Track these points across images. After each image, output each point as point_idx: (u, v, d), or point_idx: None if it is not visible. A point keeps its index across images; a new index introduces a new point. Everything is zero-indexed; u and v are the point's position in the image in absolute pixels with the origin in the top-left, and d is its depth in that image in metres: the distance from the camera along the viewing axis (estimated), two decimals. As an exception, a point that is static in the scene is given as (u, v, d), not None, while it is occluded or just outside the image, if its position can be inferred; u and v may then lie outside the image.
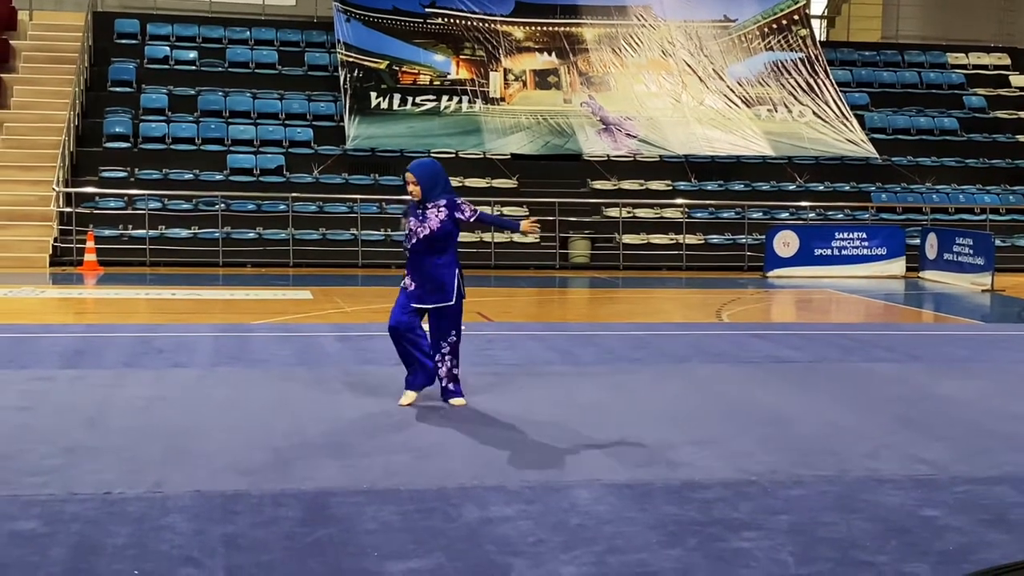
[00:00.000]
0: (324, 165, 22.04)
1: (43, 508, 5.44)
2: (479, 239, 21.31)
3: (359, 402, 8.10)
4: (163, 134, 22.17)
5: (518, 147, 22.91)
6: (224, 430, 7.13)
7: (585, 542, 5.14)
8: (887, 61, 27.73)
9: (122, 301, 15.20)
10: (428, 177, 7.77)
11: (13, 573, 4.58)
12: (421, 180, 7.72)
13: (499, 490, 5.92)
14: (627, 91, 24.32)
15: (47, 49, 23.81)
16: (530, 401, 8.33)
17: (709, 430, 7.46)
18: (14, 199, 20.34)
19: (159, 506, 5.51)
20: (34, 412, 7.54)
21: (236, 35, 24.90)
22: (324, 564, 4.80)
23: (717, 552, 5.05)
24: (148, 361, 9.73)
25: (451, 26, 24.63)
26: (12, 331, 11.44)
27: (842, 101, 24.92)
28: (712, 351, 10.93)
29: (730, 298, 16.49)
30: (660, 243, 21.94)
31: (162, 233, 20.22)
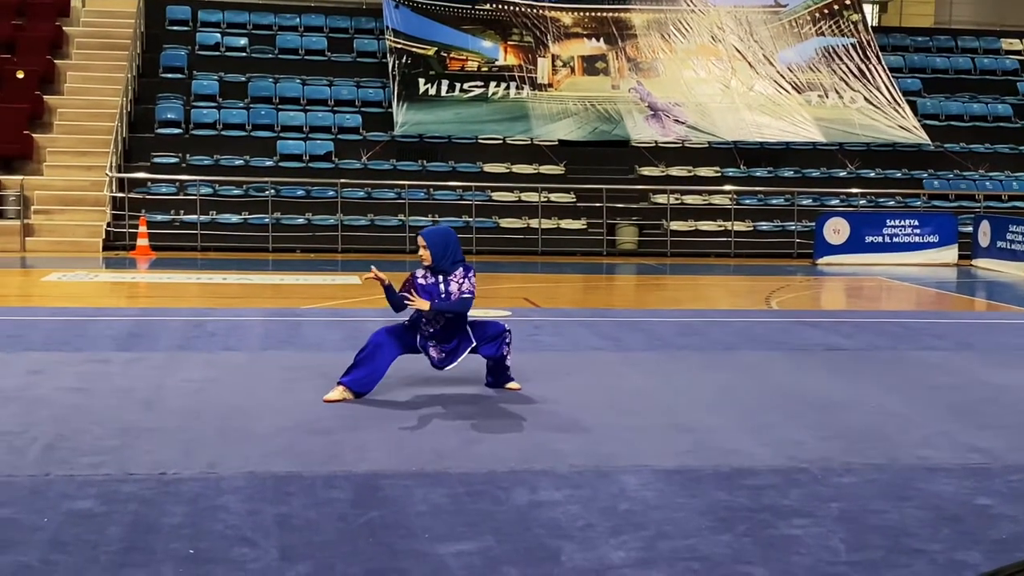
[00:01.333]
0: (372, 151, 22.13)
1: (100, 488, 5.52)
2: (526, 225, 21.33)
3: (408, 386, 8.15)
4: (214, 120, 22.35)
5: (566, 133, 22.88)
6: (276, 413, 7.20)
7: (634, 527, 5.15)
8: (940, 47, 27.40)
9: (174, 285, 15.37)
10: (440, 245, 7.71)
11: (72, 551, 4.67)
12: (432, 247, 7.68)
13: (548, 474, 5.95)
14: (676, 77, 24.21)
15: (99, 36, 24.07)
16: (578, 387, 8.34)
17: (758, 417, 7.44)
18: (68, 184, 20.61)
19: (213, 486, 5.59)
20: (90, 394, 7.66)
21: (286, 22, 25.04)
22: (376, 545, 4.84)
23: (767, 538, 5.04)
24: (200, 344, 9.85)
25: (499, 12, 24.61)
26: (67, 314, 11.61)
27: (894, 87, 24.66)
28: (761, 338, 10.89)
29: (779, 285, 16.40)
30: (708, 230, 21.85)
31: (213, 218, 20.40)
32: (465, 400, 7.78)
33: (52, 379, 8.09)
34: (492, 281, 16.46)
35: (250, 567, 4.54)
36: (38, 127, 21.65)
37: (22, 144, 20.88)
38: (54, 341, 9.83)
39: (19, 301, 13.79)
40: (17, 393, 7.60)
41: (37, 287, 14.94)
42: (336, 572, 4.53)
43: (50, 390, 7.72)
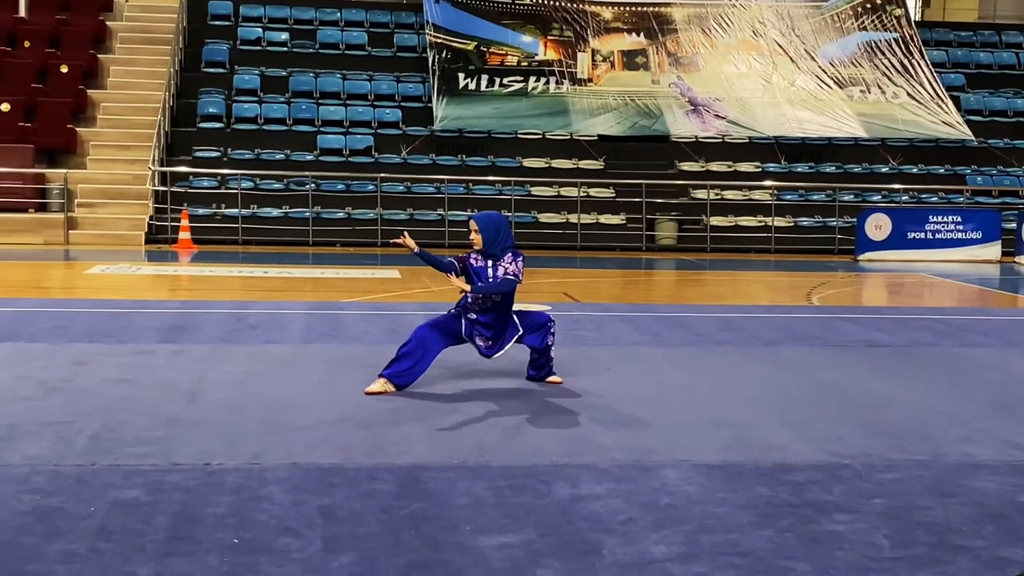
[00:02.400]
0: (412, 146, 22.20)
1: (145, 478, 5.58)
2: (565, 220, 21.32)
3: (450, 379, 8.18)
4: (255, 114, 22.50)
5: (605, 128, 22.85)
6: (318, 405, 7.25)
7: (676, 521, 5.14)
8: (984, 41, 27.13)
9: (215, 278, 15.48)
10: (492, 230, 7.69)
11: (118, 540, 4.72)
12: (484, 231, 7.68)
13: (589, 468, 5.95)
14: (716, 72, 24.12)
15: (142, 30, 24.28)
16: (618, 381, 8.34)
17: (800, 413, 7.41)
18: (111, 178, 20.81)
19: (257, 477, 5.63)
20: (135, 385, 7.74)
21: (327, 16, 25.16)
22: (419, 537, 4.87)
23: (810, 534, 5.02)
24: (243, 337, 9.92)
25: (539, 7, 24.61)
26: (111, 306, 11.73)
27: (937, 82, 24.45)
28: (802, 334, 10.84)
29: (820, 281, 16.31)
30: (748, 225, 21.76)
31: (254, 212, 20.54)
32: (507, 393, 7.79)
33: (97, 370, 8.18)
34: (531, 276, 16.45)
35: (295, 557, 4.58)
36: (82, 121, 21.87)
37: (66, 138, 21.11)
38: (98, 333, 9.93)
39: (63, 293, 13.95)
40: (63, 384, 7.69)
41: (81, 279, 15.10)
42: (379, 563, 4.55)
43: (95, 381, 7.81)
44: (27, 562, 4.44)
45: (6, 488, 5.35)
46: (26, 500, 5.19)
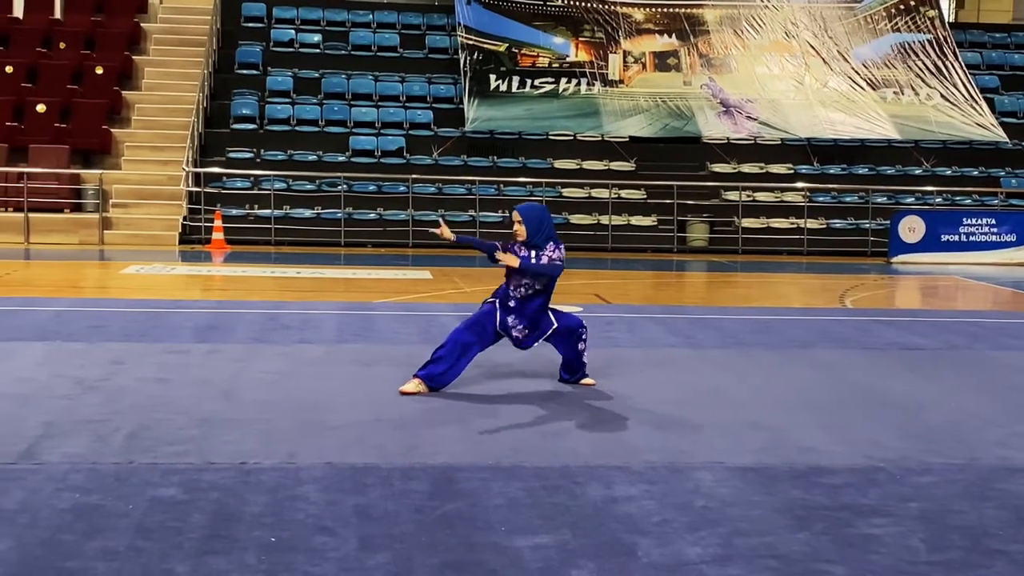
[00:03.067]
0: (443, 147, 22.25)
1: (182, 476, 5.62)
2: (596, 221, 21.31)
3: (484, 380, 8.20)
4: (288, 116, 22.61)
5: (637, 130, 22.83)
6: (352, 405, 7.28)
7: (710, 524, 5.13)
8: (1018, 43, 26.93)
9: (249, 279, 15.57)
10: (535, 220, 7.69)
11: (156, 537, 4.76)
12: (527, 222, 7.70)
13: (623, 470, 5.95)
14: (748, 73, 24.05)
15: (177, 32, 24.45)
16: (651, 383, 8.33)
17: (835, 416, 7.38)
18: (145, 178, 20.97)
19: (293, 476, 5.66)
20: (171, 384, 7.80)
21: (359, 18, 25.26)
22: (454, 537, 4.88)
23: (846, 537, 5.01)
24: (276, 337, 9.97)
25: (571, 8, 24.61)
26: (146, 306, 11.82)
27: (971, 84, 24.28)
28: (836, 336, 10.79)
29: (853, 284, 16.24)
30: (780, 227, 21.69)
31: (286, 213, 20.64)
32: (540, 395, 7.80)
33: (133, 369, 8.25)
34: (563, 277, 16.41)
35: (330, 556, 4.60)
36: (116, 122, 22.05)
37: (101, 139, 21.28)
38: (134, 332, 10.01)
39: (99, 293, 14.06)
40: (100, 382, 7.76)
41: (116, 279, 15.22)
42: (414, 563, 4.57)
43: (132, 380, 7.87)
44: (67, 559, 4.49)
45: (46, 485, 5.41)
46: (65, 497, 5.24)
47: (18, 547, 4.60)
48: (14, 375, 7.93)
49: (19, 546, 4.61)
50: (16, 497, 5.22)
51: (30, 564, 4.43)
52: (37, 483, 5.44)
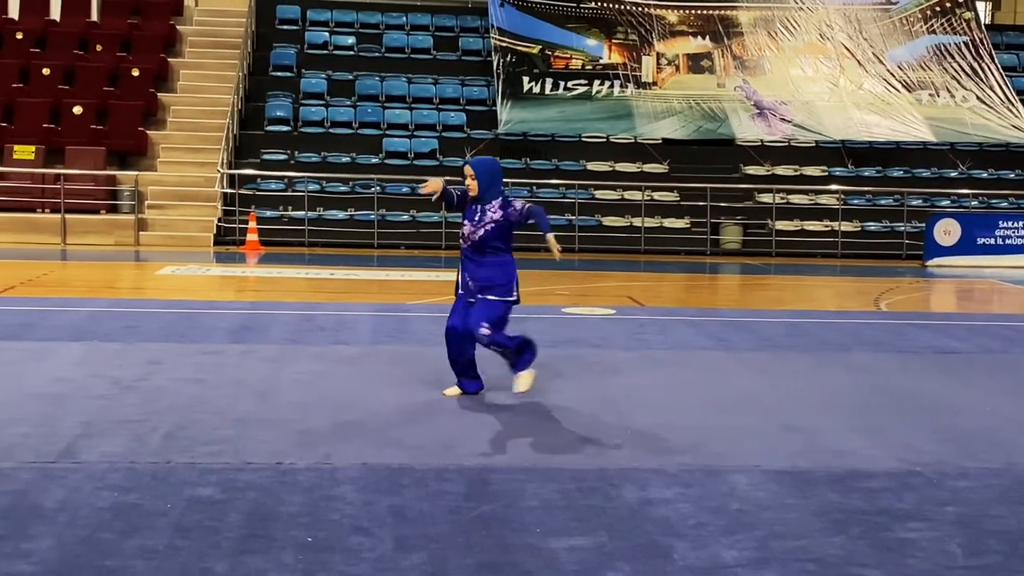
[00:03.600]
0: (476, 149, 22.26)
1: (219, 476, 5.66)
2: (629, 223, 21.28)
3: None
4: (322, 118, 22.71)
5: (670, 132, 22.77)
6: (386, 406, 7.31)
7: (746, 527, 5.13)
8: (1056, 45, 26.69)
9: (283, 280, 15.65)
10: (487, 175, 7.56)
11: (194, 536, 4.80)
12: (479, 176, 7.62)
13: (658, 472, 5.95)
14: (783, 75, 23.95)
15: (212, 34, 24.60)
16: (685, 386, 8.32)
17: (870, 419, 7.35)
18: (181, 180, 21.11)
19: (329, 477, 5.69)
20: (207, 384, 7.85)
21: (392, 20, 25.33)
22: (489, 538, 4.90)
23: (883, 541, 4.99)
24: (311, 338, 10.02)
25: (604, 10, 24.59)
26: (182, 307, 11.90)
27: (1008, 86, 24.08)
28: (871, 340, 10.73)
29: (888, 287, 16.14)
30: (815, 230, 21.58)
31: (320, 215, 20.72)
32: (573, 397, 7.80)
33: (169, 369, 8.31)
34: (595, 279, 16.47)
35: (366, 556, 4.63)
36: (152, 124, 22.21)
37: (137, 140, 21.44)
38: (170, 333, 10.08)
39: (135, 293, 14.17)
40: (137, 383, 7.83)
41: (152, 280, 15.33)
42: (450, 564, 4.59)
43: (168, 380, 7.94)
44: (106, 557, 4.53)
45: (85, 484, 5.46)
46: (104, 496, 5.29)
47: (58, 545, 4.65)
48: (52, 375, 8.02)
49: (59, 544, 4.66)
50: (56, 496, 5.28)
51: (70, 562, 4.48)
52: (76, 482, 5.50)
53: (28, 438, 6.27)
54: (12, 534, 4.75)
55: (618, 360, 9.26)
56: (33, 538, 4.71)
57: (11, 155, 20.57)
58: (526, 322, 11.30)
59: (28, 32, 23.46)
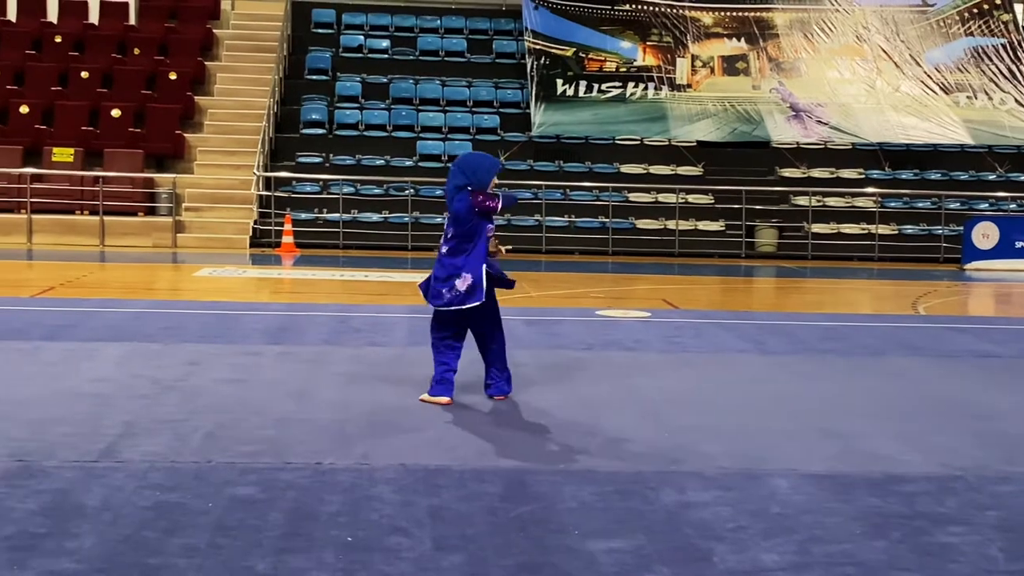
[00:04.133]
0: (510, 152, 22.29)
1: (259, 475, 5.70)
2: (663, 226, 21.23)
3: (551, 384, 8.22)
4: (356, 121, 22.80)
5: (704, 134, 22.71)
6: (423, 407, 7.33)
7: (786, 531, 5.11)
8: (1096, 46, 26.39)
9: (318, 282, 15.72)
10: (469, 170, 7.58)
11: (236, 535, 4.83)
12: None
13: (696, 475, 5.94)
14: (819, 77, 23.84)
15: (248, 38, 24.74)
16: (721, 388, 8.30)
17: (909, 423, 7.30)
18: (217, 182, 21.25)
19: (367, 477, 5.72)
20: (246, 385, 7.91)
21: (427, 24, 25.39)
22: (527, 539, 4.90)
23: (924, 546, 4.96)
24: (347, 339, 10.07)
25: (638, 12, 24.55)
26: (219, 308, 11.99)
27: (1047, 88, 23.87)
28: (909, 344, 10.66)
29: (925, 290, 16.03)
30: (851, 233, 21.46)
31: (354, 217, 20.80)
32: (609, 400, 7.80)
33: (209, 370, 8.38)
34: (629, 282, 16.46)
35: (406, 556, 4.65)
36: (189, 127, 22.36)
37: (174, 143, 21.60)
38: (208, 334, 10.15)
39: (173, 295, 14.28)
40: (177, 383, 7.89)
41: (189, 281, 15.44)
42: (489, 564, 4.60)
43: (207, 380, 8.00)
44: (150, 555, 4.57)
45: (127, 483, 5.51)
46: (146, 495, 5.34)
47: (101, 543, 4.70)
48: (93, 375, 8.09)
49: (102, 542, 4.71)
50: (99, 495, 5.33)
51: (113, 560, 4.53)
52: (119, 481, 5.55)
53: (70, 437, 6.34)
54: (56, 532, 4.81)
55: (654, 363, 9.25)
56: (77, 536, 4.76)
57: (50, 157, 20.77)
58: (561, 324, 11.33)
59: (67, 36, 23.68)
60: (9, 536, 4.74)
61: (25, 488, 5.39)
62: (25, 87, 22.50)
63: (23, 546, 4.63)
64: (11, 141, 21.04)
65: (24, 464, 5.78)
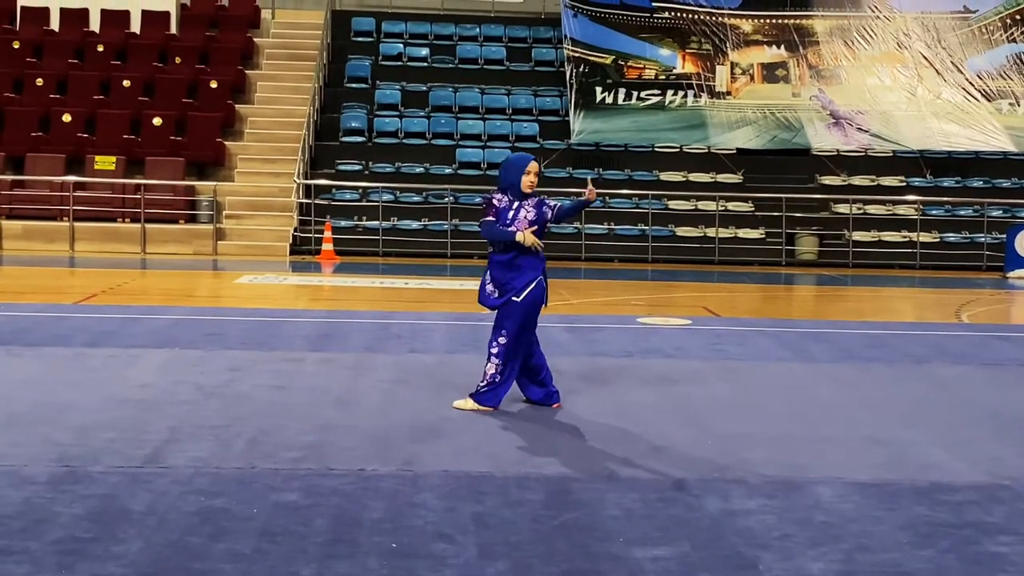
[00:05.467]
0: (549, 159, 22.29)
1: (302, 482, 5.72)
2: (703, 233, 21.15)
3: (592, 392, 8.20)
4: (396, 129, 22.88)
5: (744, 141, 22.63)
6: (463, 414, 7.33)
7: (832, 539, 5.06)
8: None
9: (358, 289, 15.78)
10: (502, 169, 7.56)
11: (281, 541, 4.85)
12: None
13: (740, 483, 5.90)
14: (859, 84, 23.68)
15: (288, 47, 24.91)
16: (764, 396, 8.25)
17: (955, 432, 7.23)
18: (257, 190, 21.39)
19: (410, 484, 5.72)
20: (288, 391, 7.94)
21: (466, 32, 25.45)
22: (572, 546, 4.89)
23: (972, 555, 4.90)
24: (388, 346, 10.08)
25: (678, 20, 24.49)
26: (260, 315, 12.04)
27: (1091, 94, 23.60)
28: (954, 352, 10.56)
29: (968, 299, 15.87)
30: (892, 240, 21.30)
31: (394, 224, 20.86)
32: (651, 407, 7.77)
33: (251, 376, 8.41)
34: (669, 289, 16.41)
35: (451, 562, 4.64)
36: (230, 135, 22.52)
37: (215, 151, 21.75)
38: (250, 340, 10.20)
39: (214, 301, 14.37)
40: (219, 389, 7.93)
41: (230, 288, 15.54)
42: (535, 571, 4.58)
43: (250, 387, 8.03)
44: (195, 560, 4.59)
45: (172, 488, 5.54)
46: (191, 500, 5.36)
47: (147, 548, 4.73)
48: (137, 381, 8.15)
49: (148, 547, 4.74)
50: (144, 500, 5.36)
51: (160, 565, 4.55)
52: (163, 486, 5.58)
53: (115, 443, 6.38)
54: (102, 537, 4.84)
55: (696, 370, 9.21)
56: (123, 541, 4.79)
57: (92, 166, 20.98)
58: (601, 331, 11.30)
59: (109, 45, 23.92)
60: (57, 540, 4.78)
61: (71, 493, 5.43)
62: (68, 96, 22.75)
63: (70, 551, 4.66)
64: (54, 149, 21.27)
65: (70, 469, 5.83)
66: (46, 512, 5.14)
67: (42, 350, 9.37)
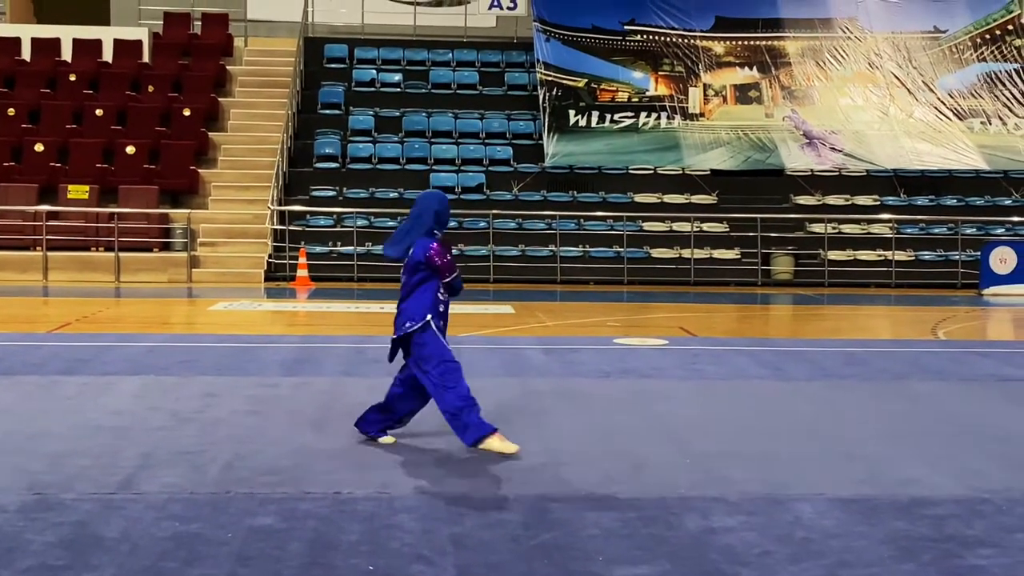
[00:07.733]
0: (523, 183, 22.30)
1: (278, 505, 5.65)
2: (678, 255, 21.17)
3: (570, 412, 8.15)
4: (370, 154, 22.85)
5: (718, 163, 22.69)
6: (442, 436, 7.26)
7: (813, 555, 5.03)
8: (1110, 69, 26.35)
9: (333, 314, 15.70)
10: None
11: (256, 565, 4.78)
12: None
13: (719, 501, 5.86)
14: (832, 104, 23.82)
15: (261, 74, 24.87)
16: (742, 414, 8.22)
17: (934, 447, 7.22)
18: (232, 217, 21.29)
19: (387, 506, 5.67)
20: (263, 416, 7.86)
21: (439, 57, 25.48)
22: (551, 566, 4.84)
23: (953, 569, 4.88)
24: (364, 370, 10.02)
25: (650, 43, 24.60)
26: (235, 341, 11.96)
27: (1061, 112, 23.81)
28: (931, 368, 10.58)
29: (944, 316, 15.92)
30: (867, 259, 21.38)
31: (369, 249, 20.79)
32: (629, 426, 7.73)
33: (226, 402, 8.34)
34: (645, 310, 16.40)
35: (429, 585, 4.59)
36: (203, 162, 22.44)
37: (189, 179, 21.66)
38: (225, 366, 10.12)
39: (189, 328, 14.27)
40: (194, 415, 7.85)
41: (204, 315, 15.43)
42: (513, 592, 4.54)
43: (225, 412, 7.96)
44: (169, 586, 4.52)
45: (146, 514, 5.46)
46: (165, 526, 5.29)
47: (121, 574, 4.65)
48: (111, 408, 8.06)
49: (121, 573, 4.67)
50: (117, 526, 5.29)
51: (133, 591, 4.47)
52: (137, 512, 5.50)
53: (89, 470, 6.30)
54: (75, 564, 4.76)
55: (673, 389, 9.19)
56: (96, 568, 4.72)
57: (66, 195, 20.84)
58: (578, 352, 11.27)
59: (81, 74, 23.82)
60: (28, 569, 4.70)
61: (43, 520, 5.35)
62: (40, 125, 22.62)
63: (41, 578, 4.58)
64: (27, 179, 21.13)
65: (42, 497, 5.74)
66: (17, 540, 5.06)
67: (15, 378, 9.27)
